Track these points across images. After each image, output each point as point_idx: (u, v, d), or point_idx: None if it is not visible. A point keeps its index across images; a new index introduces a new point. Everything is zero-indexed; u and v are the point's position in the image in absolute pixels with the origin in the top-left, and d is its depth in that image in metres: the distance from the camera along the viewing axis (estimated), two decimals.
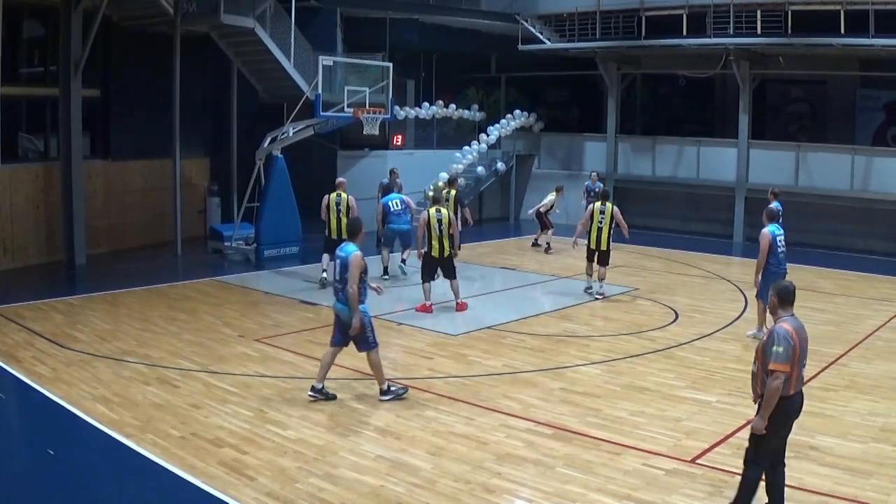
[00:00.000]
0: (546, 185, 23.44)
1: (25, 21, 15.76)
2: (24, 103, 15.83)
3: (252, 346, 10.01)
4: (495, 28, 23.01)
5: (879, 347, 10.33)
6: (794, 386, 5.29)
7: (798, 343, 5.25)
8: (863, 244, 18.51)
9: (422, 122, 22.69)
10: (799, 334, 5.29)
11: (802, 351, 5.30)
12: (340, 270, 7.86)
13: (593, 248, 12.95)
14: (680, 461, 6.63)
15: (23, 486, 6.17)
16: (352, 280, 7.69)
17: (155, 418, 7.43)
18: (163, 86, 16.42)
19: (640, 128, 24.54)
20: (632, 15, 20.36)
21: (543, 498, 5.99)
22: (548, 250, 17.61)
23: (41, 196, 15.33)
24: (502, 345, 10.26)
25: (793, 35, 17.77)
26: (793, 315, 5.41)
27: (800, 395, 5.39)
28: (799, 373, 5.32)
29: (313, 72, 16.20)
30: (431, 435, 7.18)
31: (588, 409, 7.92)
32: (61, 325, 10.77)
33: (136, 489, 6.11)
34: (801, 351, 5.27)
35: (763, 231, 10.40)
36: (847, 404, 8.05)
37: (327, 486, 6.10)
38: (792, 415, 5.38)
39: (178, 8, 16.15)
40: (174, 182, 16.79)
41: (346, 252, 7.84)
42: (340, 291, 7.88)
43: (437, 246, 11.79)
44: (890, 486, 6.15)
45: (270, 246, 16.03)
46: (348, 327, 7.84)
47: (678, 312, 12.16)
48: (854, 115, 20.80)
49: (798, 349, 5.25)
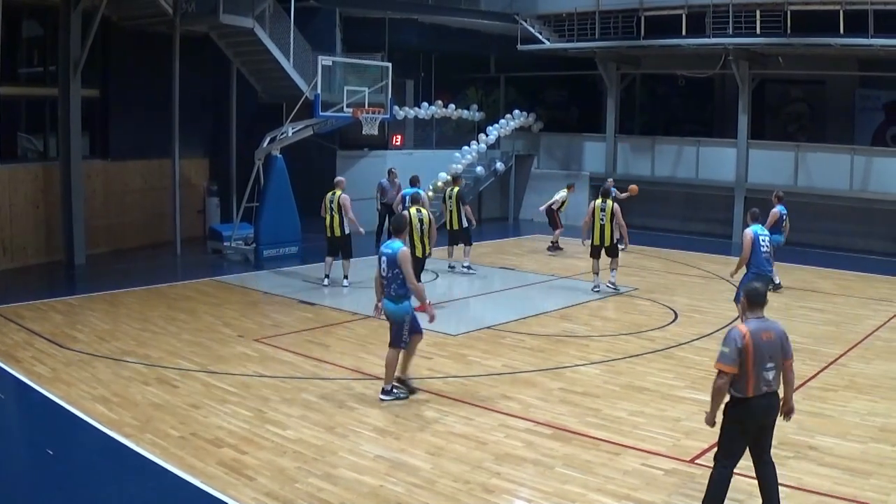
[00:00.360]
0: (545, 185, 23.49)
1: (25, 21, 15.76)
2: (23, 103, 15.84)
3: (251, 346, 10.01)
4: (494, 28, 23.01)
5: (879, 347, 10.33)
6: (752, 389, 5.17)
7: (752, 346, 5.14)
8: (862, 244, 18.52)
9: (421, 122, 22.69)
10: (756, 337, 5.17)
11: (759, 354, 5.15)
12: (388, 267, 7.87)
13: (598, 244, 13.28)
14: (679, 461, 6.63)
15: (22, 486, 6.16)
16: (408, 276, 7.80)
17: (154, 418, 7.43)
18: (162, 86, 16.41)
19: (639, 128, 24.55)
20: (631, 15, 20.37)
21: (543, 498, 5.99)
22: (551, 248, 17.51)
23: (40, 196, 15.33)
24: (502, 345, 10.26)
25: (792, 35, 17.78)
26: (761, 318, 5.30)
27: (763, 398, 5.22)
28: (758, 376, 5.16)
29: (312, 72, 16.22)
30: (431, 435, 7.18)
31: (587, 409, 7.92)
32: (61, 325, 10.77)
33: (135, 489, 6.11)
34: (756, 354, 5.14)
35: (746, 231, 10.44)
36: (846, 404, 8.05)
37: (327, 486, 6.10)
38: (748, 418, 5.23)
39: (177, 8, 16.15)
40: (173, 182, 16.79)
41: (394, 249, 7.86)
42: (387, 288, 7.92)
43: (419, 246, 11.88)
44: (889, 487, 6.15)
45: (270, 246, 16.03)
46: (390, 323, 7.99)
47: (677, 312, 12.16)
48: (853, 115, 20.82)
49: (751, 352, 5.14)
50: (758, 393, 5.20)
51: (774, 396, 5.32)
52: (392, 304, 7.93)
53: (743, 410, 5.24)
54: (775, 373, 5.25)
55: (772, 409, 5.32)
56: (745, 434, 5.30)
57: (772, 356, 5.22)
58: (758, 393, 5.20)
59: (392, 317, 7.99)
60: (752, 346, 5.16)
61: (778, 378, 5.29)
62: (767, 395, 5.25)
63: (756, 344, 5.17)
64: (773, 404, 5.32)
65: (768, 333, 5.24)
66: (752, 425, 5.28)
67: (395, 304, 7.91)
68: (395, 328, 8.02)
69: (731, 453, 5.35)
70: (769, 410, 5.31)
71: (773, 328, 5.31)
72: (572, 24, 21.46)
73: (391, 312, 7.97)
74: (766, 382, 5.22)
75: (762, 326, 5.26)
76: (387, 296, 7.97)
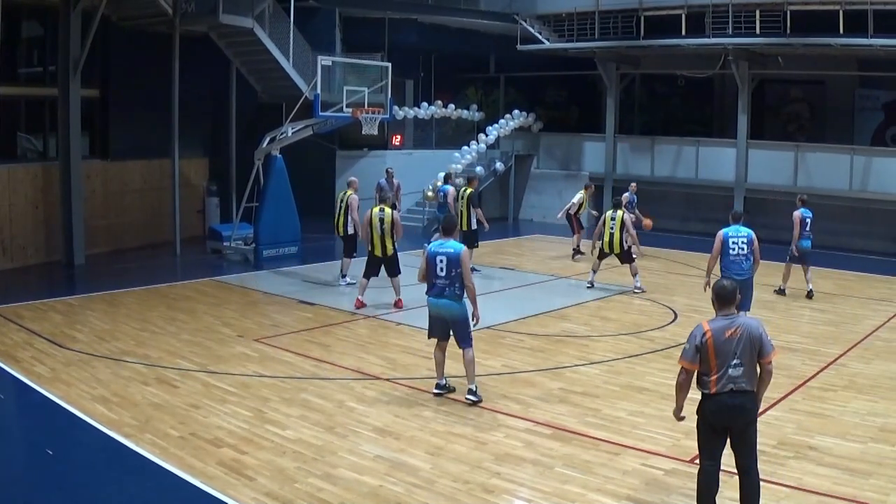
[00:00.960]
0: (545, 185, 23.53)
1: (24, 21, 15.76)
2: (22, 103, 15.84)
3: (251, 346, 10.01)
4: (494, 28, 23.02)
5: (878, 347, 10.33)
6: (715, 386, 5.18)
7: (712, 343, 5.17)
8: (862, 244, 18.53)
9: (421, 122, 22.70)
10: (717, 334, 5.19)
11: (721, 352, 5.16)
12: (448, 267, 7.88)
13: (606, 251, 13.63)
14: (679, 461, 6.63)
15: (22, 486, 6.16)
16: (466, 276, 7.85)
17: (154, 418, 7.43)
18: (162, 86, 16.41)
19: (638, 128, 24.57)
20: (630, 15, 20.38)
21: (542, 498, 5.99)
22: (574, 254, 16.77)
23: (40, 196, 15.33)
24: (501, 345, 10.26)
25: (792, 35, 17.79)
26: (730, 314, 5.31)
27: (729, 395, 5.17)
28: (721, 374, 5.16)
29: (312, 72, 16.22)
30: (430, 435, 7.18)
31: (587, 409, 7.92)
32: (60, 325, 10.77)
33: (135, 489, 6.10)
34: (718, 351, 5.16)
35: (718, 232, 10.22)
36: (846, 404, 8.05)
37: (326, 486, 6.10)
38: (714, 415, 5.22)
39: (176, 8, 16.15)
40: (173, 182, 16.79)
41: (456, 249, 7.91)
42: (447, 287, 7.90)
43: (378, 245, 11.86)
44: (889, 486, 6.15)
45: (269, 246, 16.02)
46: (454, 323, 7.97)
47: (677, 312, 12.16)
48: (853, 115, 20.84)
49: (712, 349, 5.17)
50: (722, 390, 5.19)
51: (744, 395, 5.21)
52: (455, 303, 7.92)
53: (708, 407, 5.27)
54: (744, 370, 5.19)
55: (740, 408, 5.20)
56: (714, 431, 5.29)
57: (738, 353, 5.18)
58: (722, 390, 5.19)
59: (456, 316, 7.95)
60: (713, 343, 5.20)
61: (750, 376, 5.21)
62: (734, 392, 5.18)
63: (717, 342, 5.20)
64: (740, 403, 5.20)
65: (732, 331, 5.22)
66: (718, 422, 5.25)
67: (458, 303, 7.93)
68: (462, 327, 7.98)
69: (708, 451, 5.37)
70: (737, 410, 5.20)
71: (742, 324, 5.26)
72: (572, 24, 21.47)
73: (455, 312, 7.94)
74: (732, 380, 5.18)
75: (726, 324, 5.26)
76: (448, 296, 7.91)
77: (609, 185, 22.06)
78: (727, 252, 10.06)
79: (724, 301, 5.37)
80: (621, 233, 13.38)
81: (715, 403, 5.22)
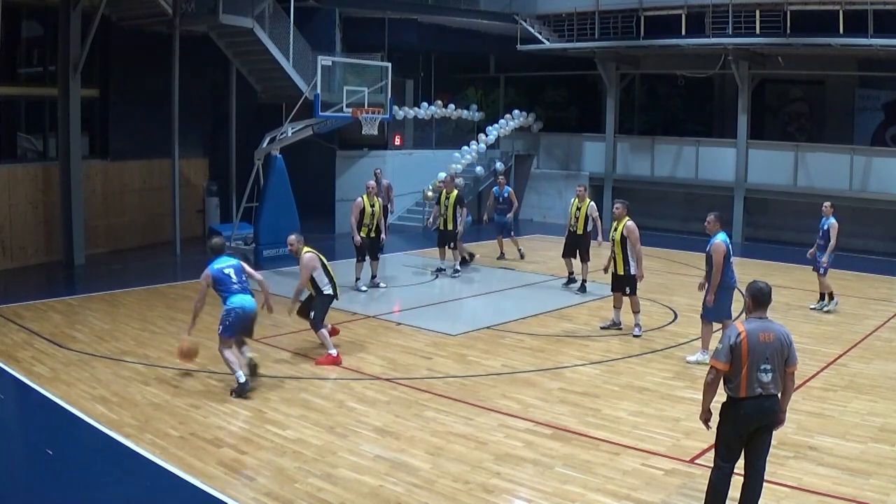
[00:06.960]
0: (545, 185, 23.52)
1: (24, 21, 15.77)
2: (22, 103, 15.85)
3: (251, 346, 9.97)
4: (494, 28, 23.02)
5: (878, 347, 10.34)
6: (744, 389, 5.14)
7: (747, 345, 5.12)
8: (862, 244, 18.51)
9: (420, 122, 22.69)
10: (752, 337, 5.14)
11: (754, 355, 5.11)
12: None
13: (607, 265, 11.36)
14: (679, 461, 6.63)
15: (22, 486, 6.16)
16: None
17: (154, 418, 7.43)
18: (161, 86, 16.42)
19: (638, 128, 24.55)
20: (630, 15, 20.38)
21: (542, 498, 5.99)
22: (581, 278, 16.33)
23: (40, 196, 15.32)
24: (501, 345, 10.26)
25: (791, 35, 17.79)
26: (762, 318, 5.27)
27: (756, 400, 5.15)
28: (751, 377, 5.12)
29: (312, 72, 16.21)
30: (430, 435, 7.18)
31: (587, 409, 7.92)
32: (60, 325, 10.77)
33: (135, 489, 6.10)
34: (751, 354, 5.11)
35: (716, 242, 9.12)
36: (846, 404, 8.05)
37: (326, 486, 6.10)
38: (740, 419, 5.18)
39: (176, 8, 16.15)
40: (173, 182, 16.79)
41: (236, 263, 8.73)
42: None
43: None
44: (889, 487, 6.15)
45: (269, 246, 15.99)
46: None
47: (677, 312, 12.17)
48: (853, 115, 20.82)
49: (746, 352, 5.11)
50: (751, 394, 5.16)
51: (770, 399, 5.22)
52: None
53: (735, 410, 5.22)
54: (773, 375, 5.18)
55: (766, 412, 5.21)
56: (738, 435, 5.25)
57: (769, 358, 5.17)
58: (751, 394, 5.16)
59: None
60: (748, 345, 5.13)
61: (777, 382, 5.21)
62: (762, 397, 5.18)
63: (752, 344, 5.14)
64: (767, 407, 5.21)
65: (767, 335, 5.19)
66: (745, 426, 5.21)
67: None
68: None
69: (727, 454, 5.31)
70: (763, 413, 5.20)
71: (775, 330, 5.24)
72: (572, 24, 21.47)
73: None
74: (761, 384, 5.16)
75: (762, 327, 5.22)
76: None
77: (609, 185, 22.06)
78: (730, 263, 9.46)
79: (760, 303, 5.32)
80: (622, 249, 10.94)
81: (742, 407, 5.18)
